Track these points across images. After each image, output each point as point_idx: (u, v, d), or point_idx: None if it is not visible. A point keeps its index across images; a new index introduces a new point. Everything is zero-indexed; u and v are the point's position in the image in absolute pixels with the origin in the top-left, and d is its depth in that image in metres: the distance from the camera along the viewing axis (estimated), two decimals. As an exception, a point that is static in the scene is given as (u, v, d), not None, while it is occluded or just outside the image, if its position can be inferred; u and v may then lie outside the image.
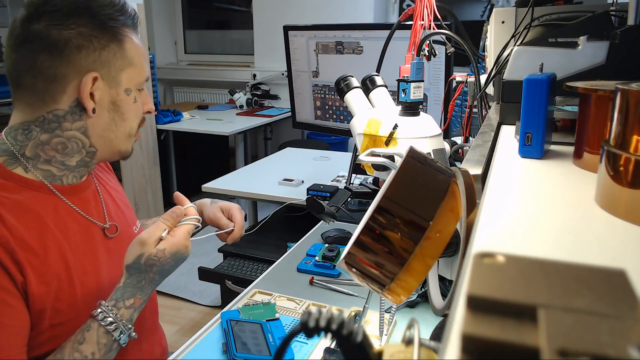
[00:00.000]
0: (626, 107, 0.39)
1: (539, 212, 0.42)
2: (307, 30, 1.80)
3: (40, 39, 0.74)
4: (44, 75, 0.75)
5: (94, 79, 0.77)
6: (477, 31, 1.24)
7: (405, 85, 0.90)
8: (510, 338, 0.20)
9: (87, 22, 0.76)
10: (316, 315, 0.33)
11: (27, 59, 0.75)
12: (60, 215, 0.81)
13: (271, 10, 4.10)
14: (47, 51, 0.74)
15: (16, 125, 0.79)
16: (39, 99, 0.77)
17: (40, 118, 0.78)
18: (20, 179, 0.78)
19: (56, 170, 0.81)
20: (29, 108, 0.78)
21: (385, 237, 0.47)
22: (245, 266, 1.90)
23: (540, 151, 0.57)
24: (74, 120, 0.79)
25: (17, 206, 0.75)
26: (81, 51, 0.76)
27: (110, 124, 0.82)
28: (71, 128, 0.79)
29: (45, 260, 0.75)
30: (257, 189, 1.92)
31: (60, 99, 0.77)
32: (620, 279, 0.23)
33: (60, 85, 0.76)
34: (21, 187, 0.77)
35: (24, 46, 0.75)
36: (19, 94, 0.78)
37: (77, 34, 0.75)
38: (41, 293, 0.74)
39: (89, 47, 0.76)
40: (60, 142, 0.79)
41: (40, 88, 0.76)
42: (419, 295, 1.07)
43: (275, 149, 3.19)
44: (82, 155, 0.83)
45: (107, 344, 0.77)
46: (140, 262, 0.78)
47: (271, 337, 0.95)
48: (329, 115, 1.89)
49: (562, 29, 0.74)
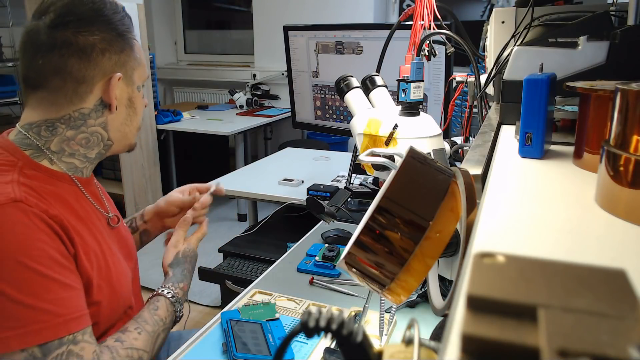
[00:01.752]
0: (626, 107, 0.39)
1: (539, 212, 0.42)
2: (307, 30, 1.80)
3: (69, 45, 0.81)
4: (73, 77, 0.82)
5: (118, 79, 0.86)
6: (477, 31, 1.24)
7: (405, 85, 0.90)
8: (510, 338, 0.20)
9: (106, 28, 0.84)
10: (316, 315, 0.33)
11: (55, 63, 0.81)
12: (82, 205, 0.89)
13: (271, 10, 4.10)
14: (77, 56, 0.81)
15: (37, 122, 0.84)
16: (67, 99, 0.84)
17: (66, 116, 0.85)
18: (47, 170, 0.84)
19: (79, 162, 0.89)
20: (53, 107, 0.84)
21: (385, 237, 0.47)
22: (245, 266, 1.90)
23: (540, 151, 0.57)
24: (97, 117, 0.87)
25: (53, 194, 0.82)
26: (105, 55, 0.84)
27: (126, 119, 0.91)
28: (95, 124, 0.87)
29: (85, 239, 0.84)
30: (257, 189, 1.92)
31: (87, 98, 0.85)
32: (620, 279, 0.23)
33: (88, 86, 0.84)
34: (50, 178, 0.84)
35: (52, 52, 0.81)
36: (41, 94, 0.84)
37: (101, 40, 0.83)
38: (87, 268, 0.82)
39: (110, 50, 0.84)
40: (84, 137, 0.87)
41: (69, 89, 0.83)
42: (419, 295, 1.07)
43: (275, 149, 3.19)
44: (100, 148, 0.91)
45: (171, 315, 0.95)
46: (179, 257, 1.05)
47: (271, 337, 0.95)
48: (329, 115, 1.89)
49: (562, 29, 0.74)
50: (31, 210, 0.75)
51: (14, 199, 0.75)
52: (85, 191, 0.90)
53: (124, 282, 0.92)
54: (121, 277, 0.92)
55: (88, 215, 0.88)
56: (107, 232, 0.94)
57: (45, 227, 0.76)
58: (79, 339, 0.78)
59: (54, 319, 0.75)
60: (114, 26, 0.85)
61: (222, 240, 2.21)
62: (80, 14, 0.81)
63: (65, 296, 0.77)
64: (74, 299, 0.78)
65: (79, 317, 0.78)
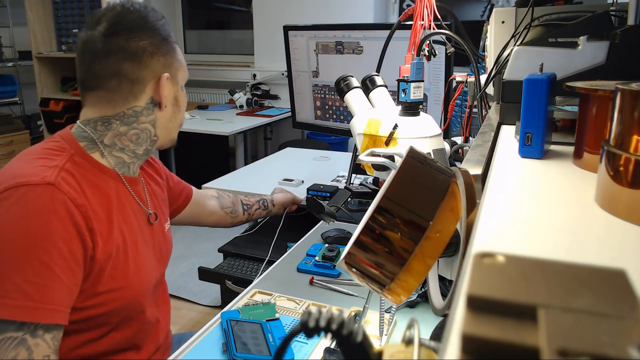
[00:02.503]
0: (626, 107, 0.39)
1: (539, 212, 0.42)
2: (307, 30, 1.80)
3: (123, 50, 0.89)
4: (128, 79, 0.91)
5: (166, 79, 0.94)
6: (477, 31, 1.24)
7: (405, 85, 0.90)
8: (510, 338, 0.20)
9: (152, 34, 0.92)
10: (316, 315, 0.33)
11: (112, 67, 0.90)
12: (121, 200, 0.95)
13: (271, 10, 4.10)
14: (130, 60, 0.90)
15: (95, 119, 0.93)
16: (122, 98, 0.92)
17: (121, 113, 0.92)
18: (96, 163, 0.92)
19: (127, 157, 0.96)
20: (109, 105, 0.92)
21: (385, 237, 0.47)
22: (245, 266, 1.90)
23: (540, 151, 0.57)
24: (148, 115, 0.95)
25: (93, 185, 0.89)
26: (153, 57, 0.92)
27: (172, 116, 0.99)
28: (145, 121, 0.95)
29: (110, 232, 0.89)
30: (257, 189, 1.92)
31: (140, 97, 0.93)
32: (620, 279, 0.23)
33: (140, 86, 0.92)
34: (96, 170, 0.91)
35: (108, 57, 0.89)
36: (98, 94, 0.92)
37: (149, 44, 0.91)
38: (103, 258, 0.86)
39: (158, 53, 0.93)
40: (135, 133, 0.95)
41: (124, 89, 0.91)
42: (419, 295, 1.07)
43: (275, 149, 3.19)
44: (147, 144, 0.98)
45: None
46: None
47: (271, 337, 0.95)
48: (329, 115, 1.89)
49: (562, 29, 0.74)
50: (59, 196, 0.80)
51: (48, 181, 0.81)
52: (130, 189, 0.97)
53: (142, 278, 0.95)
54: (139, 275, 0.95)
55: (125, 211, 0.94)
56: (145, 230, 1.00)
57: (65, 216, 0.80)
58: (39, 333, 0.77)
59: (26, 301, 0.75)
60: (159, 32, 0.93)
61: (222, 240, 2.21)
62: (129, 23, 0.90)
63: (49, 286, 0.77)
64: (57, 292, 0.79)
65: (52, 311, 0.78)
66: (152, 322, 1.01)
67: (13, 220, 0.78)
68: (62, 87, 3.55)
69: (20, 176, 0.81)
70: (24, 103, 4.12)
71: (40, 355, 0.76)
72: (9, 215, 0.78)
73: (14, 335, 0.75)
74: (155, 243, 1.03)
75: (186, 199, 1.30)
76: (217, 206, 1.40)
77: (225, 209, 1.42)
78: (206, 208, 1.37)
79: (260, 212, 1.49)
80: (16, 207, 0.78)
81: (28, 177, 0.81)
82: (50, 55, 3.41)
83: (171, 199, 1.21)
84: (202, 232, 3.35)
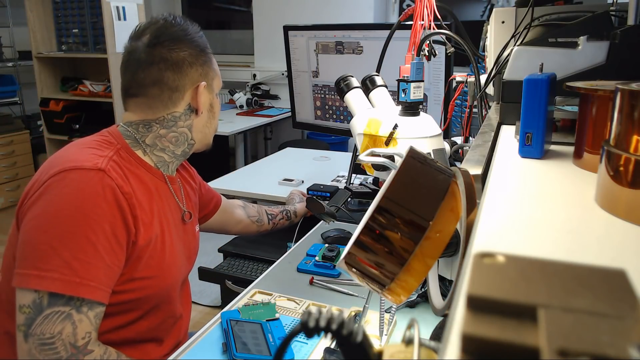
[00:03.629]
0: (626, 107, 0.39)
1: (539, 212, 0.42)
2: (307, 30, 1.80)
3: (165, 60, 0.96)
4: (169, 86, 0.97)
5: (204, 87, 1.00)
6: (477, 31, 1.24)
7: (405, 85, 0.90)
8: (510, 338, 0.20)
9: (191, 45, 0.98)
10: (316, 315, 0.33)
11: (155, 75, 0.96)
12: (160, 194, 1.00)
13: (271, 10, 4.10)
14: (171, 69, 0.96)
15: (137, 121, 0.99)
16: (163, 104, 0.98)
17: (161, 118, 0.99)
18: (139, 159, 0.98)
19: (167, 157, 1.02)
20: (150, 110, 0.98)
21: (385, 237, 0.47)
22: (245, 266, 1.90)
23: (540, 151, 0.57)
24: (185, 120, 1.01)
25: (136, 177, 0.95)
26: (192, 67, 0.98)
27: (207, 122, 1.05)
28: (183, 126, 1.01)
29: (151, 221, 0.94)
30: (257, 189, 1.92)
31: (179, 103, 0.99)
32: (620, 279, 0.23)
33: (180, 94, 0.98)
34: (139, 165, 0.97)
35: (151, 66, 0.95)
36: (140, 100, 0.98)
37: (189, 55, 0.98)
38: (143, 245, 0.92)
39: (196, 63, 0.99)
40: (174, 136, 1.01)
41: (164, 96, 0.97)
42: (419, 295, 1.07)
43: (275, 149, 3.19)
44: (185, 146, 1.04)
45: None
46: None
47: (271, 337, 0.95)
48: (329, 115, 1.89)
49: (562, 29, 0.74)
50: (108, 182, 0.86)
51: (98, 167, 0.87)
52: (170, 186, 1.03)
53: (174, 271, 1.01)
54: (172, 267, 1.00)
55: (163, 205, 1.00)
56: (178, 226, 1.06)
57: (112, 200, 0.86)
58: (84, 310, 0.82)
59: (73, 276, 0.81)
60: (197, 43, 0.99)
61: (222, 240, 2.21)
62: (171, 34, 0.96)
63: (93, 264, 0.83)
64: (100, 270, 0.84)
65: (95, 288, 0.83)
66: (177, 316, 1.07)
67: (66, 200, 0.84)
68: (62, 87, 3.54)
69: (73, 161, 0.87)
70: (24, 103, 4.12)
71: (82, 331, 0.82)
72: (62, 195, 0.84)
73: (62, 309, 0.81)
74: (186, 241, 1.08)
75: (215, 206, 1.36)
76: (244, 215, 1.45)
77: (252, 218, 1.46)
78: (234, 216, 1.42)
79: (284, 223, 1.53)
80: (69, 188, 0.84)
81: (81, 162, 0.87)
82: (50, 55, 3.41)
83: (202, 204, 1.28)
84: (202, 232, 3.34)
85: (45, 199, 0.85)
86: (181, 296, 1.10)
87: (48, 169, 0.88)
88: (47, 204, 0.84)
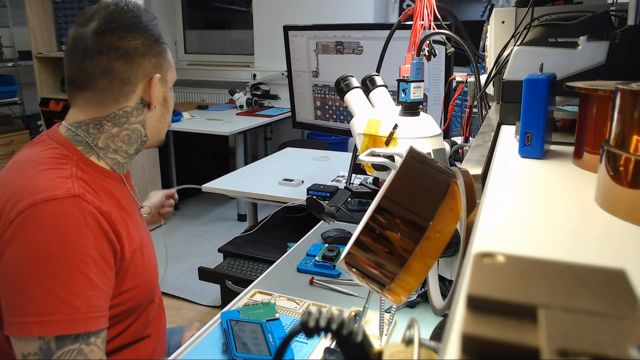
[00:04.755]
0: (626, 107, 0.39)
1: (539, 212, 0.42)
2: (307, 30, 1.80)
3: (115, 49, 0.88)
4: (119, 78, 0.89)
5: (157, 79, 0.93)
6: (477, 31, 1.24)
7: (405, 85, 0.90)
8: (510, 338, 0.20)
9: (145, 33, 0.91)
10: (316, 315, 0.33)
11: (104, 66, 0.88)
12: (125, 198, 0.96)
13: (271, 10, 4.10)
14: (122, 59, 0.88)
15: (86, 121, 0.91)
16: (113, 98, 0.90)
17: (112, 114, 0.91)
18: (96, 166, 0.91)
19: (121, 158, 0.96)
20: (100, 106, 0.91)
21: (385, 237, 0.47)
22: (245, 266, 1.90)
23: (540, 151, 0.57)
24: (138, 115, 0.94)
25: (103, 189, 0.89)
26: (145, 57, 0.91)
27: (161, 117, 0.98)
28: (135, 122, 0.94)
29: (129, 232, 0.90)
30: (257, 189, 1.92)
31: (130, 97, 0.92)
32: (620, 279, 0.23)
33: (132, 87, 0.91)
34: (99, 173, 0.91)
35: (99, 55, 0.87)
36: (89, 95, 0.90)
37: (142, 44, 0.90)
38: (129, 258, 0.89)
39: (150, 53, 0.92)
40: (127, 134, 0.94)
41: (115, 89, 0.90)
42: (419, 295, 1.07)
43: (275, 149, 3.19)
44: (138, 144, 0.97)
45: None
46: None
47: (271, 337, 0.95)
48: (329, 115, 1.89)
49: (562, 29, 0.74)
50: (86, 207, 0.82)
51: (73, 194, 0.81)
52: (128, 185, 0.99)
53: (154, 270, 1.00)
54: (152, 268, 0.99)
55: (131, 209, 0.96)
56: (142, 223, 1.02)
57: (94, 225, 0.82)
58: (92, 340, 0.80)
59: (76, 314, 0.78)
60: (152, 32, 0.92)
61: (222, 240, 2.21)
62: (123, 21, 0.89)
63: (91, 294, 0.80)
64: (98, 298, 0.82)
65: (98, 317, 0.81)
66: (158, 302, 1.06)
67: (49, 237, 0.78)
68: (62, 87, 3.54)
69: (41, 191, 0.80)
70: (24, 103, 4.12)
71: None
72: (43, 232, 0.78)
73: (72, 347, 0.78)
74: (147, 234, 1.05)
75: None
76: None
77: None
78: None
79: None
80: (48, 224, 0.78)
81: (51, 190, 0.80)
82: (50, 55, 3.41)
83: None
84: (202, 232, 3.35)
85: (23, 239, 0.78)
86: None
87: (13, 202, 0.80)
88: (28, 243, 0.78)
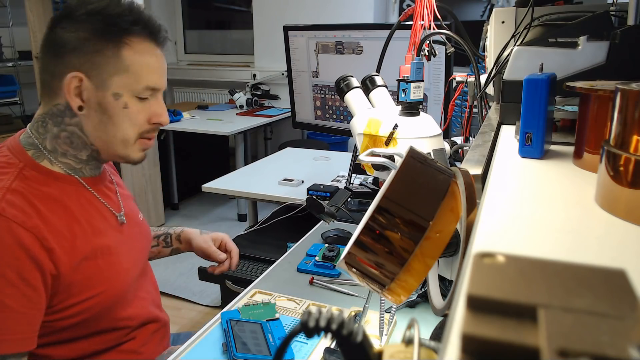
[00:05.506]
0: (626, 107, 0.39)
1: (539, 212, 0.42)
2: (307, 30, 1.80)
3: (51, 40, 0.84)
4: (49, 72, 0.85)
5: (79, 79, 0.83)
6: (477, 31, 1.24)
7: (405, 85, 0.90)
8: (510, 338, 0.20)
9: (88, 27, 0.83)
10: (316, 315, 0.33)
11: (45, 59, 0.85)
12: (83, 204, 0.89)
13: (271, 10, 4.10)
14: (52, 52, 0.84)
15: (38, 117, 0.88)
16: (49, 94, 0.86)
17: (50, 111, 0.87)
18: (48, 171, 0.86)
19: (73, 163, 0.89)
20: (43, 101, 0.88)
21: (385, 237, 0.47)
22: (245, 266, 1.90)
23: (540, 151, 0.57)
24: (71, 116, 0.86)
25: (48, 198, 0.83)
26: (74, 53, 0.83)
27: (99, 125, 0.87)
28: (70, 123, 0.87)
29: (74, 244, 0.84)
30: (257, 189, 1.92)
31: (60, 94, 0.85)
32: (620, 279, 0.23)
33: (59, 82, 0.84)
34: (49, 179, 0.86)
35: (45, 48, 0.85)
36: (41, 90, 0.88)
37: (75, 37, 0.83)
38: (69, 272, 0.83)
39: (82, 50, 0.83)
40: (66, 136, 0.87)
41: (49, 84, 0.85)
42: (419, 295, 1.07)
43: (275, 149, 3.19)
44: (89, 152, 0.90)
45: None
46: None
47: (271, 337, 0.95)
48: (329, 115, 1.89)
49: (562, 29, 0.74)
50: (3, 224, 0.76)
51: None
52: (92, 189, 0.91)
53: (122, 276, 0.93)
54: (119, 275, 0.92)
55: (88, 215, 0.89)
56: (116, 229, 0.95)
57: (12, 243, 0.76)
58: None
59: None
60: (100, 27, 0.82)
61: (222, 240, 2.20)
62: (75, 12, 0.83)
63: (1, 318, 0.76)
64: (13, 321, 0.77)
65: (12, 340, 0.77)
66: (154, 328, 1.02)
67: None
68: (62, 87, 3.55)
69: None
70: (24, 103, 4.12)
71: None
72: None
73: None
74: (131, 238, 0.98)
75: None
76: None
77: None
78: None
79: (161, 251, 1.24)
80: None
81: None
82: (50, 55, 3.41)
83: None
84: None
85: None
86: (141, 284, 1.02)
87: None
88: None
